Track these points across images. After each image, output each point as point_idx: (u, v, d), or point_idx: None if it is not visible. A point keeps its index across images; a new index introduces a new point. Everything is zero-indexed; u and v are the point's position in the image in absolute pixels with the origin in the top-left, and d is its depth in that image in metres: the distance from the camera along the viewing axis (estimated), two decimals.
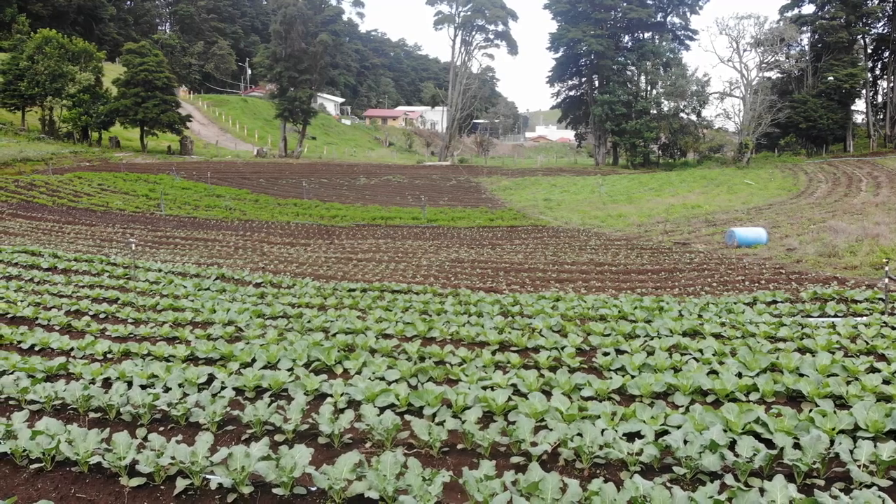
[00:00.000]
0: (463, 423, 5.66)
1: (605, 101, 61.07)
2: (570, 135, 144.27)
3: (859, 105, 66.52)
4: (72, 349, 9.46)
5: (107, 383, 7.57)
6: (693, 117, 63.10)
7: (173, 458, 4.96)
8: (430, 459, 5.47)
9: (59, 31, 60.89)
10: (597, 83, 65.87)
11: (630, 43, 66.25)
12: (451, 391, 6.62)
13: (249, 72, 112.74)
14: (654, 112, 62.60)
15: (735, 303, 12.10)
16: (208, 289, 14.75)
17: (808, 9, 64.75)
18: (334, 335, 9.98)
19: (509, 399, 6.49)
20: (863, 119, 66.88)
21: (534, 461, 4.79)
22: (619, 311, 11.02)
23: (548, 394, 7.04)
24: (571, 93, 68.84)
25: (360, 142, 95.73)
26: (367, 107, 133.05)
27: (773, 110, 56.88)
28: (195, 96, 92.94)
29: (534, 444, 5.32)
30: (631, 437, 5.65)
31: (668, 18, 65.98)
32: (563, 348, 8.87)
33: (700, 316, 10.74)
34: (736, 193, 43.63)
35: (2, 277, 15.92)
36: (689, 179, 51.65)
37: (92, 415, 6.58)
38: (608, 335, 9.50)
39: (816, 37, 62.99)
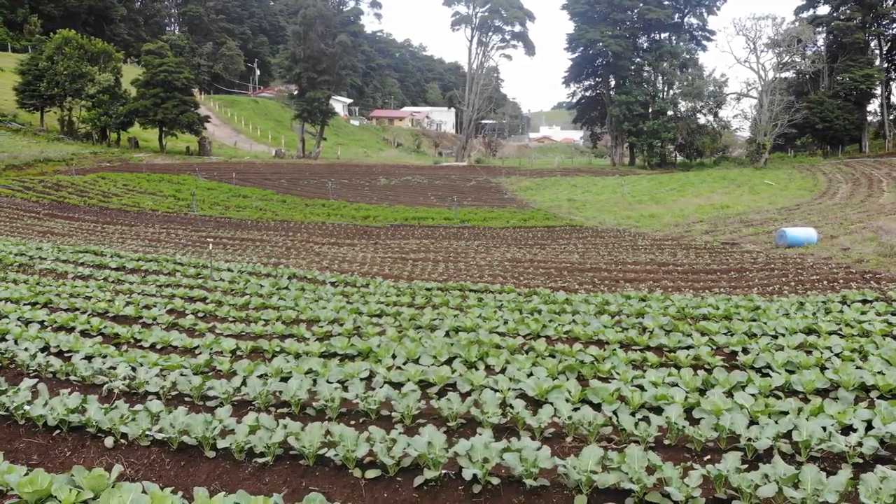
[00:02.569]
0: (668, 418, 5.78)
1: (623, 102, 61.28)
2: (574, 135, 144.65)
3: (872, 106, 66.79)
4: (196, 347, 9.55)
5: (265, 379, 7.66)
6: (710, 118, 63.36)
7: (412, 448, 5.07)
8: None
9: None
10: (613, 84, 66.10)
11: (646, 44, 66.51)
12: (626, 388, 6.74)
13: (258, 72, 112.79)
14: (671, 113, 62.80)
15: (824, 302, 12.23)
16: (287, 287, 14.85)
17: (823, 10, 65.02)
18: (449, 333, 10.10)
19: (686, 397, 6.60)
20: (877, 119, 67.03)
21: (776, 455, 4.91)
22: (723, 311, 11.14)
23: (704, 392, 7.17)
24: (587, 93, 69.07)
25: (368, 142, 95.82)
26: (372, 107, 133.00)
27: (790, 111, 57.08)
28: (206, 97, 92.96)
29: (749, 440, 5.43)
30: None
31: (686, 19, 66.29)
32: (690, 347, 8.99)
33: (805, 315, 10.86)
34: (759, 194, 43.75)
35: (77, 277, 16.03)
36: (709, 180, 51.80)
37: (275, 410, 6.69)
38: (728, 334, 9.61)
39: (832, 37, 63.20)
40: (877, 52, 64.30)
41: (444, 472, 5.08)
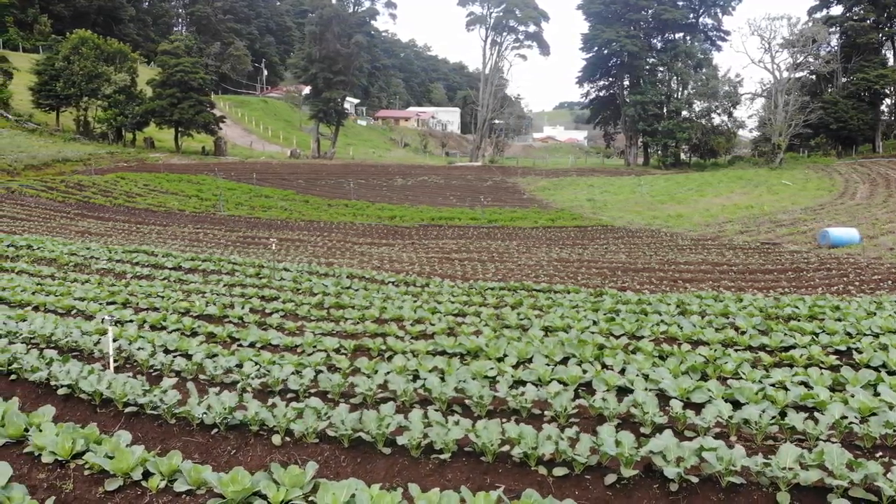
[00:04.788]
0: (833, 416, 5.86)
1: (637, 102, 61.47)
2: (578, 135, 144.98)
3: (884, 106, 66.90)
4: (297, 345, 9.62)
5: (406, 376, 7.68)
6: (725, 118, 63.53)
7: (606, 447, 5.14)
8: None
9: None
10: (627, 83, 66.26)
11: (661, 44, 66.73)
12: (771, 389, 6.82)
13: (266, 73, 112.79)
14: (686, 113, 62.97)
15: None
16: (350, 287, 14.92)
17: (837, 10, 65.18)
18: (548, 333, 10.16)
19: (831, 396, 6.67)
20: (886, 119, 67.15)
21: None
22: (808, 311, 11.21)
23: (835, 390, 7.25)
24: (601, 93, 69.25)
25: (376, 142, 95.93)
26: (378, 107, 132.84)
27: (805, 111, 57.23)
28: (216, 97, 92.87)
29: None
30: None
31: (701, 19, 66.51)
32: (794, 347, 9.06)
33: (891, 315, 10.93)
34: (778, 194, 43.86)
35: (136, 276, 16.08)
36: (726, 180, 51.93)
37: (419, 406, 6.74)
38: (827, 333, 9.68)
39: (846, 38, 63.36)
40: (890, 52, 64.48)
41: (635, 472, 5.14)
